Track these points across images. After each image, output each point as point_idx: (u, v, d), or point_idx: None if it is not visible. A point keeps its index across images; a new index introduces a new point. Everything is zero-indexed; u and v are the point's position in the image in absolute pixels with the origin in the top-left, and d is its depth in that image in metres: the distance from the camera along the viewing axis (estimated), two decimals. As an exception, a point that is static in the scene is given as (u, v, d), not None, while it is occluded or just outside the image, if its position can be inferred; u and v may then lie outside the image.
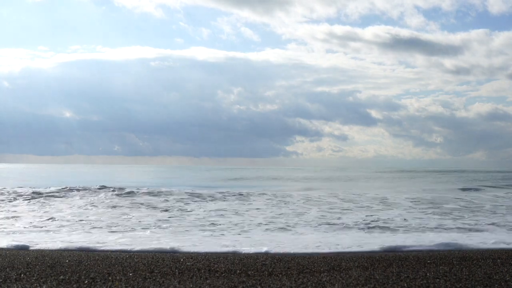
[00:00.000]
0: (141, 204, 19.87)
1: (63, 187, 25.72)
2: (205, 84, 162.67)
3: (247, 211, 17.78)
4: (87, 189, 25.21)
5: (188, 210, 18.05)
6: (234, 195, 23.87)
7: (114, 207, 18.68)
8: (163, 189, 26.16)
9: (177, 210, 17.86)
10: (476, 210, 18.52)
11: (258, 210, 18.22)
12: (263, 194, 25.01)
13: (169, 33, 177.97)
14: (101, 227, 13.28)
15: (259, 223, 14.32)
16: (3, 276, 6.04)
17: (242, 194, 24.19)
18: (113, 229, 13.01)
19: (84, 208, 18.31)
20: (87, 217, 15.56)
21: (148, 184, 35.73)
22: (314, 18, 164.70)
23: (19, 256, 7.98)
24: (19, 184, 32.99)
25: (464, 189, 34.94)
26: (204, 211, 17.68)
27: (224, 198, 22.82)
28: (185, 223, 14.44)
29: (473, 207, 19.67)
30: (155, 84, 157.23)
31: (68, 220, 14.72)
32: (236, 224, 14.07)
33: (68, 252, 8.89)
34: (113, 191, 24.58)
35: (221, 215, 16.50)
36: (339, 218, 15.74)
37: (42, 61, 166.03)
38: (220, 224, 14.09)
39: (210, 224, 14.09)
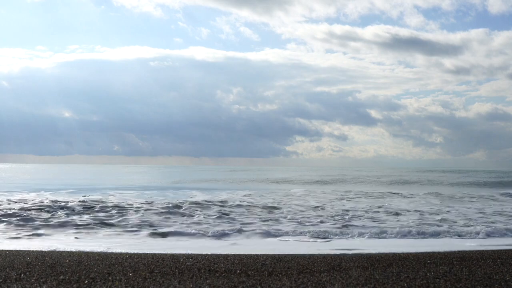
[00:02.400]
0: None
1: None
2: (205, 84, 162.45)
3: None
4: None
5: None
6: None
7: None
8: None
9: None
10: None
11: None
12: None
13: (168, 32, 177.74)
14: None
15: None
16: (3, 276, 6.04)
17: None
18: None
19: None
20: None
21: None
22: (313, 17, 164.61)
23: (19, 256, 7.97)
24: None
25: None
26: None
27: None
28: None
29: None
30: (155, 84, 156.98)
31: None
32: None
33: (68, 252, 8.88)
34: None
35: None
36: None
37: (41, 61, 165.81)
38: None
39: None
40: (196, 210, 17.24)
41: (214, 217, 15.67)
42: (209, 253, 8.97)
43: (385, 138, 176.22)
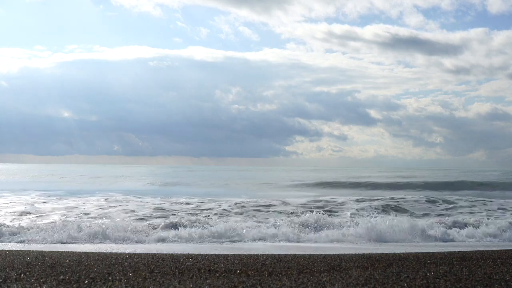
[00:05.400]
0: None
1: None
2: (204, 84, 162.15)
3: None
4: None
5: None
6: None
7: None
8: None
9: None
10: None
11: None
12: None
13: (167, 32, 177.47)
14: None
15: None
16: (3, 276, 6.04)
17: None
18: None
19: None
20: None
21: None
22: (312, 17, 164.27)
23: (19, 256, 7.97)
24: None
25: None
26: None
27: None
28: None
29: None
30: (154, 84, 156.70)
31: None
32: None
33: (68, 252, 8.88)
34: None
35: None
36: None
37: (39, 61, 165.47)
38: None
39: None
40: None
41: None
42: (209, 253, 8.98)
43: (385, 138, 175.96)
